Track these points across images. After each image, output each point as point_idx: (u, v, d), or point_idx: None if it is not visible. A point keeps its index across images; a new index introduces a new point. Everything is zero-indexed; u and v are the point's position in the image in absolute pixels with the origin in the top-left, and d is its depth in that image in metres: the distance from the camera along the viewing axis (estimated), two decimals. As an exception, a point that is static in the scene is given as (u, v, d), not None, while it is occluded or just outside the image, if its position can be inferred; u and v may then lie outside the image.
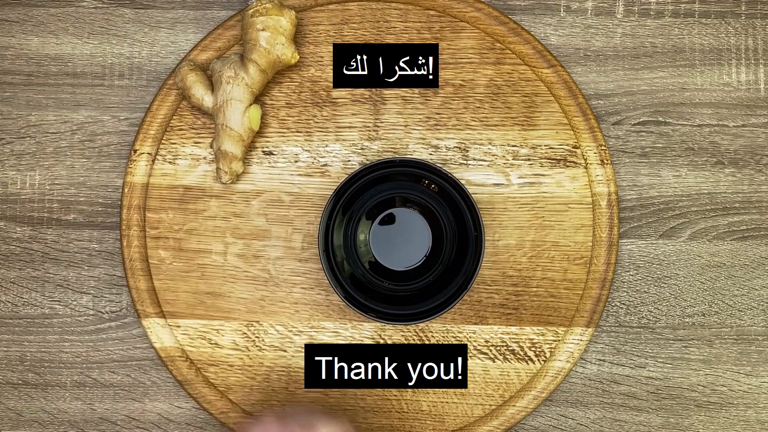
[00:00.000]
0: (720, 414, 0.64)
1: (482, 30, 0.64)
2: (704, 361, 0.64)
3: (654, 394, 0.64)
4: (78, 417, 0.64)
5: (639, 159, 0.65)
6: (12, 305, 0.65)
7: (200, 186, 0.64)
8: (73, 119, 0.65)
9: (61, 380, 0.64)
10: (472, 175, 0.63)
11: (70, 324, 0.64)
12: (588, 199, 0.63)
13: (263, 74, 0.61)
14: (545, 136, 0.64)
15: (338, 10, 0.64)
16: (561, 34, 0.65)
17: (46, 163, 0.65)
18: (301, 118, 0.64)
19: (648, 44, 0.65)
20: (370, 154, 0.64)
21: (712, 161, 0.65)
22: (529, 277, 0.63)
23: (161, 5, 0.66)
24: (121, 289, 0.65)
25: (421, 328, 0.63)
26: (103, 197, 0.65)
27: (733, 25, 0.65)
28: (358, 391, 0.63)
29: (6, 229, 0.65)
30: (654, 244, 0.64)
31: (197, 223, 0.63)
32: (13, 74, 0.66)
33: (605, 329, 0.64)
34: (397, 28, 0.64)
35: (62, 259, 0.65)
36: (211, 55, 0.64)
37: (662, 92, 0.65)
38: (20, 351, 0.64)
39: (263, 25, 0.60)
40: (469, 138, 0.64)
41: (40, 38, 0.66)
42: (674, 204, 0.65)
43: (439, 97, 0.64)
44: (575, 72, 0.65)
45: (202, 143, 0.64)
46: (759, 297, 0.64)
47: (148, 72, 0.65)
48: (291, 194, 0.64)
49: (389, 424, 0.63)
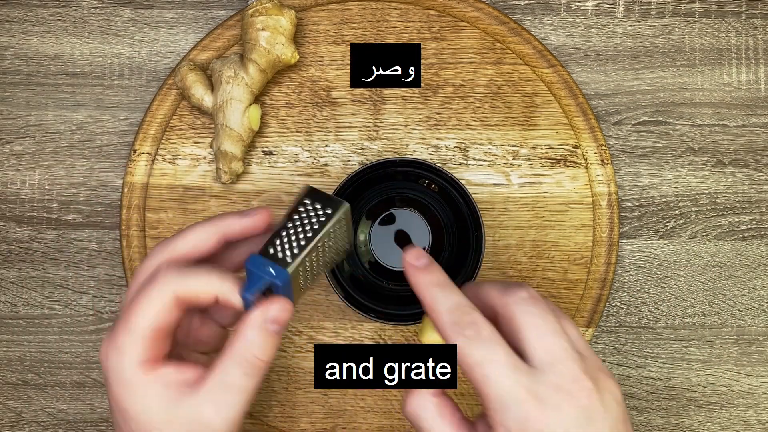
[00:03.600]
0: (720, 414, 0.64)
1: (482, 30, 0.64)
2: (704, 361, 0.64)
3: (654, 394, 0.64)
4: (78, 417, 0.64)
5: (639, 159, 0.65)
6: (12, 305, 0.64)
7: (200, 186, 0.64)
8: (72, 119, 0.65)
9: (61, 380, 0.64)
10: (472, 175, 0.63)
11: (69, 324, 0.64)
12: (588, 199, 0.63)
13: (263, 74, 0.61)
14: (545, 136, 0.64)
15: (338, 10, 0.64)
16: (561, 33, 0.65)
17: (45, 163, 0.65)
18: (301, 118, 0.64)
19: (648, 44, 0.65)
20: (370, 154, 0.64)
21: (712, 161, 0.65)
22: (529, 277, 0.63)
23: (161, 5, 0.66)
24: (121, 289, 0.65)
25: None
26: (103, 197, 0.65)
27: (733, 24, 0.65)
28: (358, 392, 0.63)
29: (6, 229, 0.65)
30: (654, 244, 0.64)
31: (197, 223, 0.63)
32: (12, 74, 0.65)
33: (605, 329, 0.64)
34: (397, 28, 0.64)
35: (62, 259, 0.65)
36: (211, 55, 0.64)
37: (662, 92, 0.65)
38: (20, 351, 0.64)
39: (263, 25, 0.60)
40: (469, 138, 0.64)
41: (39, 38, 0.66)
42: (674, 204, 0.65)
43: (439, 97, 0.64)
44: (575, 72, 0.65)
45: (201, 143, 0.64)
46: (759, 297, 0.64)
47: (147, 72, 0.65)
48: (291, 194, 0.64)
49: (389, 424, 0.63)
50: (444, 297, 0.44)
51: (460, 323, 0.43)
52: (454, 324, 0.43)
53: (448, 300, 0.44)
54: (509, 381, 0.41)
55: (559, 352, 0.42)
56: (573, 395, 0.41)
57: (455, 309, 0.44)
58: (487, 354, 0.42)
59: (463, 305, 0.44)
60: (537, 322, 0.43)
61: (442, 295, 0.45)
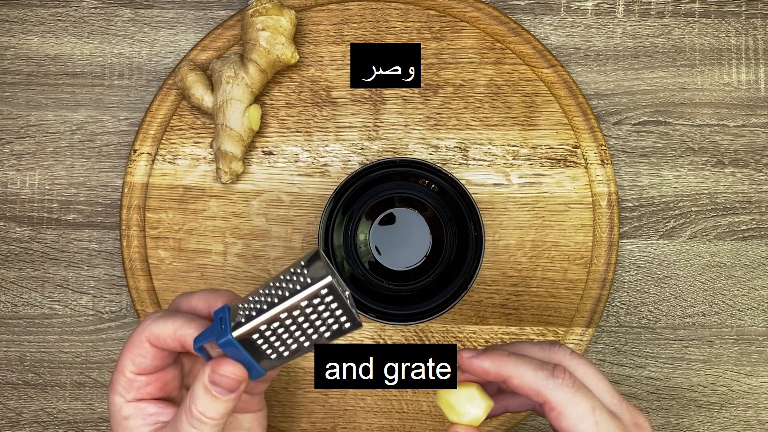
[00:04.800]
0: (720, 414, 0.64)
1: (482, 30, 0.64)
2: (704, 361, 0.64)
3: (654, 394, 0.64)
4: (78, 417, 0.64)
5: (639, 159, 0.65)
6: (12, 305, 0.64)
7: (200, 186, 0.64)
8: (72, 119, 0.65)
9: (61, 380, 0.64)
10: (472, 175, 0.63)
11: (69, 324, 0.64)
12: (588, 199, 0.63)
13: (263, 74, 0.61)
14: (545, 136, 0.64)
15: (338, 10, 0.64)
16: (561, 33, 0.65)
17: (45, 163, 0.65)
18: (301, 118, 0.64)
19: (648, 44, 0.65)
20: (370, 154, 0.64)
21: (712, 161, 0.65)
22: (529, 278, 0.63)
23: (161, 5, 0.66)
24: (120, 289, 0.65)
25: (421, 328, 0.63)
26: (103, 197, 0.65)
27: (733, 24, 0.65)
28: (358, 392, 0.63)
29: (6, 229, 0.65)
30: (654, 244, 0.64)
31: (197, 223, 0.63)
32: (12, 74, 0.65)
33: (605, 329, 0.64)
34: (397, 28, 0.64)
35: (62, 259, 0.65)
36: (211, 55, 0.64)
37: (662, 92, 0.65)
38: (20, 351, 0.64)
39: (263, 25, 0.60)
40: (469, 138, 0.64)
41: (40, 38, 0.66)
42: (674, 204, 0.65)
43: (439, 97, 0.64)
44: (575, 72, 0.65)
45: (201, 143, 0.64)
46: (759, 297, 0.64)
47: (147, 72, 0.65)
48: (291, 194, 0.64)
49: (389, 424, 0.63)
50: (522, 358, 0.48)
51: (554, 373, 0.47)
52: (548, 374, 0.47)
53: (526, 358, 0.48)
54: (614, 423, 0.46)
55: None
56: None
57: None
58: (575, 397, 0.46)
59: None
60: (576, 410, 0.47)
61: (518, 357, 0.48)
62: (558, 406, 0.45)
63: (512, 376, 0.46)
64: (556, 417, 0.45)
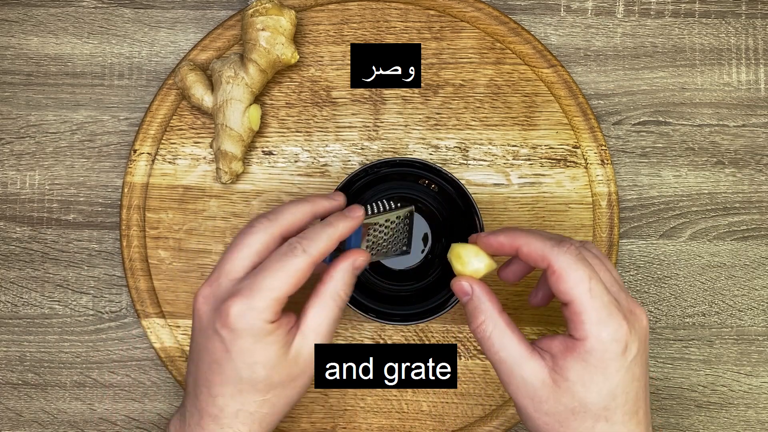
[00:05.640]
0: (720, 414, 0.64)
1: (482, 30, 0.64)
2: (704, 361, 0.64)
3: (654, 394, 0.64)
4: (78, 417, 0.64)
5: (639, 159, 0.65)
6: (12, 305, 0.64)
7: (200, 186, 0.64)
8: (72, 119, 0.65)
9: (61, 380, 0.64)
10: (472, 175, 0.63)
11: (69, 324, 0.64)
12: (588, 199, 0.63)
13: (263, 74, 0.61)
14: (545, 136, 0.64)
15: (338, 10, 0.64)
16: (561, 33, 0.65)
17: (45, 163, 0.65)
18: (301, 118, 0.64)
19: (648, 44, 0.65)
20: (370, 154, 0.64)
21: (712, 161, 0.65)
22: (529, 277, 0.63)
23: (161, 5, 0.66)
24: (120, 289, 0.65)
25: (421, 328, 0.63)
26: (103, 197, 0.65)
27: (733, 24, 0.65)
28: (358, 392, 0.63)
29: (6, 229, 0.65)
30: (654, 244, 0.64)
31: (197, 223, 0.63)
32: (12, 74, 0.66)
33: (605, 329, 0.64)
34: (397, 28, 0.64)
35: (62, 259, 0.65)
36: (211, 55, 0.64)
37: (662, 92, 0.65)
38: (20, 351, 0.64)
39: (263, 25, 0.60)
40: (469, 138, 0.64)
41: (39, 38, 0.66)
42: (674, 204, 0.65)
43: (439, 97, 0.64)
44: (575, 72, 0.65)
45: (201, 143, 0.64)
46: (759, 297, 0.64)
47: (147, 72, 0.65)
48: (291, 194, 0.64)
49: (389, 424, 0.63)
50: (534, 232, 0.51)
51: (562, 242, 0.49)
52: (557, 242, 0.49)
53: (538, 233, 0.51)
54: (608, 297, 0.48)
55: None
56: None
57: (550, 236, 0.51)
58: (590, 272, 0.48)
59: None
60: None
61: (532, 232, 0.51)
62: (558, 269, 0.48)
63: (522, 244, 0.50)
64: (556, 280, 0.48)
